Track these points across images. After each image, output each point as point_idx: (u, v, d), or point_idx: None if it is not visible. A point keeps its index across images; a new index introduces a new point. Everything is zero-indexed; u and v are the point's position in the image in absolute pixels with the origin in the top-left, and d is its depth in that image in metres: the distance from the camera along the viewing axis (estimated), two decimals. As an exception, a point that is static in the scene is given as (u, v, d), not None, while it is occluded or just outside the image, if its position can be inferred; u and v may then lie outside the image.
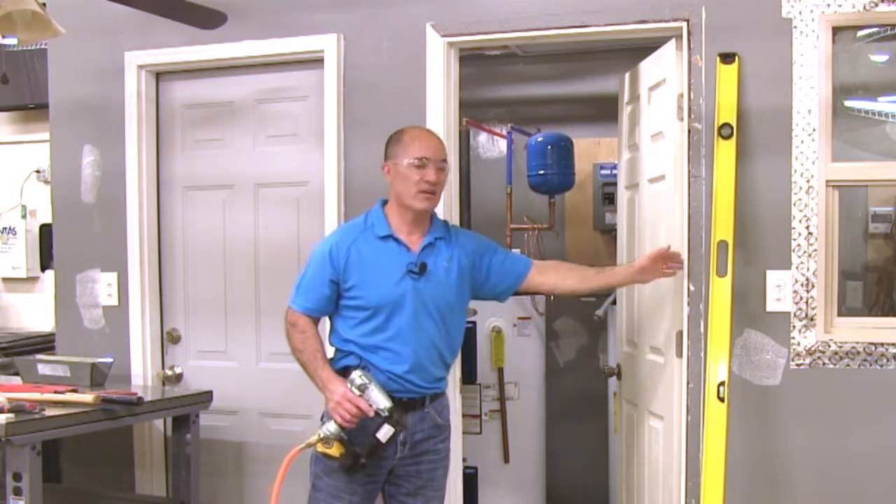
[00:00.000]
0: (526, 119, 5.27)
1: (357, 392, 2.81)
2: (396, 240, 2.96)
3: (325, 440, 2.82)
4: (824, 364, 3.14)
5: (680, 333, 3.27)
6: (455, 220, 3.60)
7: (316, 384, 2.94)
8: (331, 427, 2.83)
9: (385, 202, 3.03)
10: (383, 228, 2.97)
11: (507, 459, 4.60)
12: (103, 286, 4.05)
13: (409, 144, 2.96)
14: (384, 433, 2.79)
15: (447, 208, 3.50)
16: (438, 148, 2.99)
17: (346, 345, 2.97)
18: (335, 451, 2.82)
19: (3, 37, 3.43)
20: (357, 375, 2.83)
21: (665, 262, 3.14)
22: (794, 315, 3.16)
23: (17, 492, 2.97)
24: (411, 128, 3.06)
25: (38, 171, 5.30)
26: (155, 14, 3.50)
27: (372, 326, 2.92)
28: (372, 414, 2.80)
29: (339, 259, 2.93)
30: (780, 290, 3.17)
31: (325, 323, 3.05)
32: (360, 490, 2.94)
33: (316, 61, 3.72)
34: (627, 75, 3.81)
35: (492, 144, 5.47)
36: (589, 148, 5.26)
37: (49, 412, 3.13)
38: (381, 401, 2.80)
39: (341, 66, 3.67)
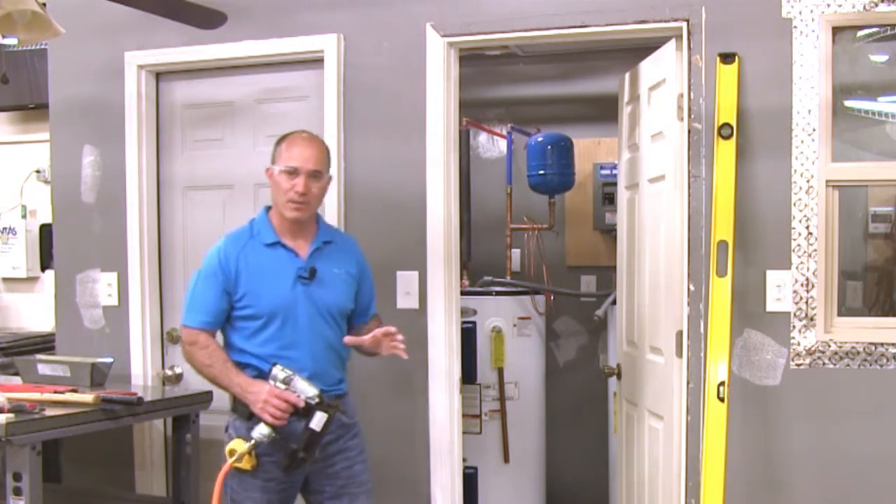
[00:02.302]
0: (526, 119, 5.26)
1: (283, 386, 2.79)
2: (284, 246, 2.94)
3: (250, 448, 2.76)
4: (824, 364, 3.14)
5: (680, 333, 3.27)
6: (455, 220, 3.59)
7: (234, 392, 2.88)
8: (262, 430, 2.78)
9: (269, 208, 3.00)
10: (270, 236, 2.94)
11: (507, 459, 4.59)
12: (103, 286, 4.05)
13: (284, 151, 2.93)
14: (318, 421, 2.76)
15: (447, 208, 3.50)
16: (313, 158, 2.90)
17: (242, 356, 2.91)
18: (246, 464, 2.78)
19: (3, 37, 3.43)
20: (279, 370, 2.80)
21: (388, 338, 2.87)
22: (794, 315, 3.16)
23: (17, 492, 2.96)
24: (294, 134, 2.98)
25: (38, 171, 5.30)
26: (155, 14, 3.50)
27: (267, 335, 2.89)
28: (302, 405, 2.77)
29: (230, 268, 2.89)
30: (780, 290, 3.17)
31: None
32: (275, 500, 2.91)
33: (316, 61, 3.72)
34: (627, 75, 3.81)
35: (492, 144, 5.46)
36: (589, 148, 5.26)
37: (49, 412, 3.12)
38: (307, 389, 2.78)
39: (341, 66, 3.67)
